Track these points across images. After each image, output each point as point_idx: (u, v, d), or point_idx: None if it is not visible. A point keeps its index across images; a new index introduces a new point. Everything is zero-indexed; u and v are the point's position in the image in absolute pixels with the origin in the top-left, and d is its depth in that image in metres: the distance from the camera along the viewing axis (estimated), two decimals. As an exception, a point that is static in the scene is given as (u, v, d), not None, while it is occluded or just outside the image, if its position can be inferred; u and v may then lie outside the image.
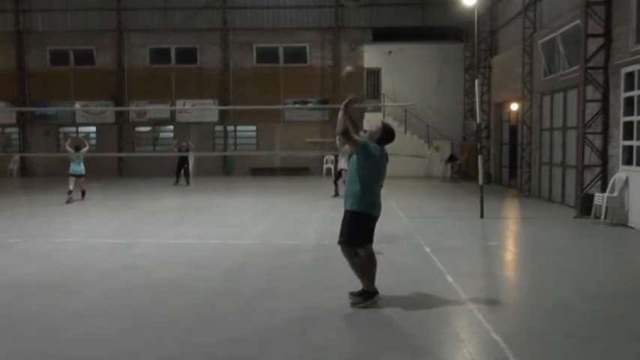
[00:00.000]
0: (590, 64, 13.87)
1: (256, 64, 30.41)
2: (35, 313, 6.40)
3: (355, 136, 6.59)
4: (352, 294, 6.64)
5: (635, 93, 12.32)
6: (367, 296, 6.55)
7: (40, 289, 7.39)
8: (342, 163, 17.98)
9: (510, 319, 6.21)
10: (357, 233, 6.54)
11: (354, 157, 6.59)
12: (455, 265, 8.67)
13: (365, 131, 6.97)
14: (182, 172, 23.96)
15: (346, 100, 6.67)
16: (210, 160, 30.71)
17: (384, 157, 6.63)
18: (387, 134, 6.63)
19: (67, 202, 16.92)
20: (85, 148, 18.04)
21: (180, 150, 24.20)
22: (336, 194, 17.70)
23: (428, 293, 7.06)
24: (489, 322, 5.99)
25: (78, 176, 17.36)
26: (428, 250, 9.84)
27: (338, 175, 17.93)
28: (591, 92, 14.10)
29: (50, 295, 7.13)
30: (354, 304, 6.54)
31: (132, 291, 7.32)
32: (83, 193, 17.62)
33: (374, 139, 6.57)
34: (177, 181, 23.81)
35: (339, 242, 6.67)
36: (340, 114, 6.51)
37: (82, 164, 17.46)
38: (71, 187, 17.15)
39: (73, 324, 6.02)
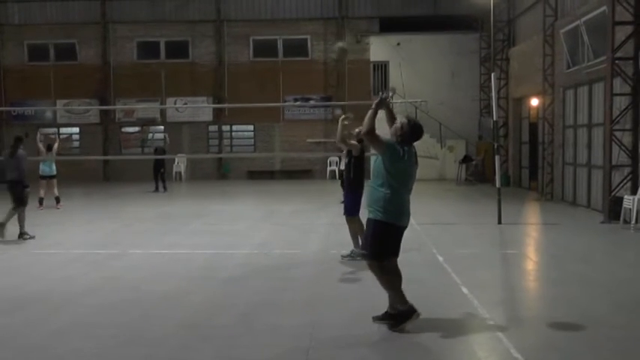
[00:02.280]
0: (617, 55, 13.84)
1: (253, 59, 30.43)
2: (13, 330, 6.41)
3: (381, 138, 6.26)
4: (377, 319, 6.37)
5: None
6: (402, 316, 6.25)
7: (19, 304, 7.40)
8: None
9: (532, 334, 6.20)
10: (382, 246, 6.26)
11: (378, 159, 6.32)
12: (470, 276, 8.66)
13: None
14: (159, 176, 23.09)
15: (378, 99, 6.43)
16: (204, 163, 30.73)
17: (413, 158, 6.32)
18: (413, 130, 6.30)
19: (39, 208, 16.88)
20: (56, 144, 18.02)
21: (156, 151, 23.92)
22: None
23: (441, 306, 7.05)
24: (509, 337, 5.98)
25: (49, 178, 17.34)
26: (441, 259, 9.84)
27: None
28: (619, 85, 14.08)
29: (30, 311, 7.13)
30: (391, 327, 6.24)
31: (119, 306, 7.33)
32: (57, 200, 17.50)
33: (398, 136, 6.29)
34: (156, 188, 23.03)
35: (364, 257, 6.45)
36: (369, 113, 6.22)
37: (53, 165, 17.45)
38: (42, 192, 17.11)
39: (54, 342, 6.03)
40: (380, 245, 6.25)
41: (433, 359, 5.59)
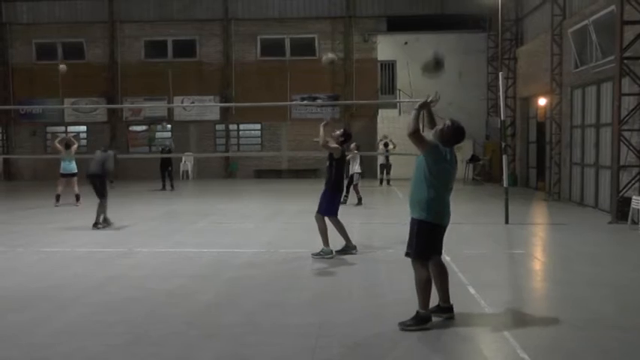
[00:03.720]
0: (626, 54, 13.76)
1: (261, 57, 30.46)
2: (20, 328, 6.42)
3: (426, 138, 6.41)
4: (404, 324, 6.36)
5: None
6: (419, 320, 6.32)
7: (26, 302, 7.42)
8: (356, 167, 17.84)
9: (538, 335, 6.17)
10: (425, 245, 6.40)
11: (421, 159, 6.41)
12: (477, 276, 8.65)
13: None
14: (166, 175, 23.33)
15: (422, 101, 6.61)
16: (211, 162, 30.78)
17: (454, 159, 6.51)
18: (455, 132, 6.39)
19: (56, 205, 17.18)
20: (75, 146, 18.22)
21: (162, 151, 24.07)
22: (344, 202, 17.55)
23: (448, 306, 7.02)
24: (515, 337, 5.96)
25: (70, 176, 17.56)
26: (448, 258, 9.78)
27: (350, 179, 17.65)
28: (628, 85, 14.01)
29: (36, 309, 7.15)
30: (402, 325, 6.31)
31: (125, 304, 7.34)
32: (77, 197, 17.72)
33: (441, 138, 6.40)
34: (163, 187, 23.23)
35: (407, 255, 6.51)
36: (413, 113, 6.41)
37: (73, 162, 17.68)
38: (60, 189, 17.38)
39: (60, 340, 6.04)
40: (424, 244, 6.39)
41: (440, 358, 5.57)
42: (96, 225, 13.39)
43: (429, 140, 6.42)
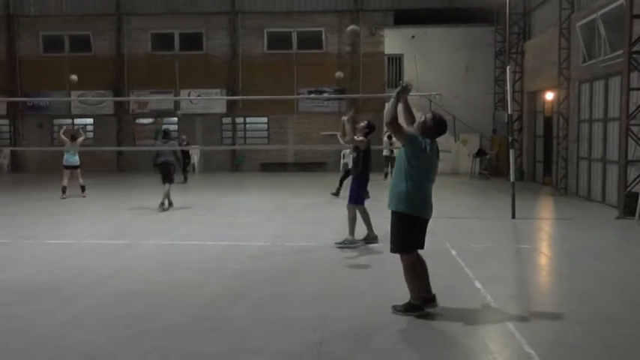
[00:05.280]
0: (635, 48, 13.70)
1: (267, 51, 30.43)
2: (26, 320, 6.44)
3: (404, 128, 6.40)
4: (395, 308, 6.59)
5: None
6: (409, 308, 6.50)
7: (31, 294, 7.44)
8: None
9: (544, 330, 6.16)
10: (407, 238, 6.42)
11: (401, 151, 6.43)
12: (483, 270, 8.62)
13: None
14: (184, 167, 23.86)
15: (399, 88, 6.58)
16: (217, 155, 30.80)
17: (435, 152, 6.46)
18: (437, 125, 6.41)
19: (63, 198, 17.24)
20: (81, 138, 18.33)
21: (180, 144, 24.35)
22: (337, 193, 17.53)
23: (454, 300, 7.00)
24: (521, 332, 5.95)
25: (73, 168, 17.62)
26: (454, 253, 9.79)
27: (347, 172, 17.58)
28: (636, 79, 13.95)
29: (42, 300, 7.17)
30: (394, 308, 6.56)
31: (131, 296, 7.35)
32: (83, 189, 17.85)
33: (423, 130, 6.40)
34: (185, 179, 23.76)
35: (392, 250, 6.58)
36: (391, 101, 6.40)
37: (77, 155, 17.72)
38: (65, 181, 17.43)
39: (66, 332, 6.05)
40: (406, 238, 6.41)
41: (445, 353, 5.56)
42: (162, 205, 15.16)
43: (407, 131, 6.42)
